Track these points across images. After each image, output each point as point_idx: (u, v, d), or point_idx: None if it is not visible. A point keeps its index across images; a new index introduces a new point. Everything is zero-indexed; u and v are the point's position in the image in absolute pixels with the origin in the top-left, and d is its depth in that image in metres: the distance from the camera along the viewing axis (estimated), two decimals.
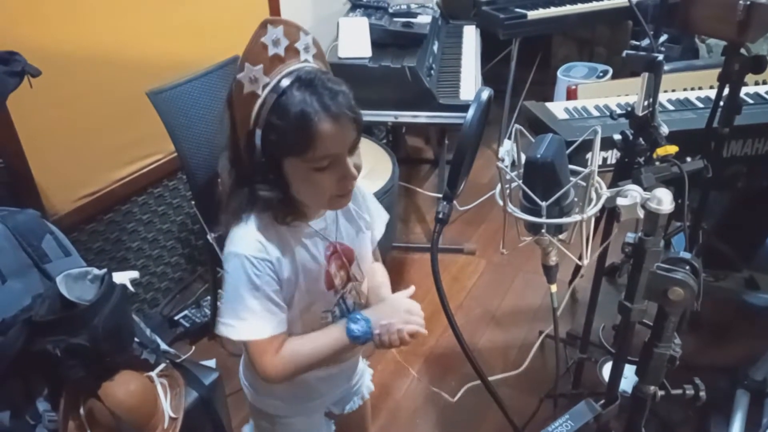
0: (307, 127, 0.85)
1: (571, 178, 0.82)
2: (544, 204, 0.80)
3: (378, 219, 1.18)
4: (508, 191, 0.85)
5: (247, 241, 0.96)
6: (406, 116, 2.36)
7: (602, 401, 1.03)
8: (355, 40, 2.33)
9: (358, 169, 0.95)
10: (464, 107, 1.06)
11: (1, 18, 1.56)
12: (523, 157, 0.83)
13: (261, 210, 0.96)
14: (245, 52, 0.86)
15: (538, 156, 0.79)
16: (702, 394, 0.99)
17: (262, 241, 0.96)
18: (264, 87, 0.86)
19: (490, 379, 2.00)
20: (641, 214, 0.83)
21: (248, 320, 0.97)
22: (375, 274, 1.17)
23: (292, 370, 1.02)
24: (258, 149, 0.89)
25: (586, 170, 0.80)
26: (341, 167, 0.91)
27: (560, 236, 0.85)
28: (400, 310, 1.03)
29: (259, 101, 0.86)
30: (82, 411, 1.23)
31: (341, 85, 0.90)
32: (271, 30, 0.85)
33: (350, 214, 1.10)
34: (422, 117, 2.35)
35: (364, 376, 1.36)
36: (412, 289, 1.09)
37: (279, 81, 0.86)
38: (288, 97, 0.86)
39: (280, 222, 0.97)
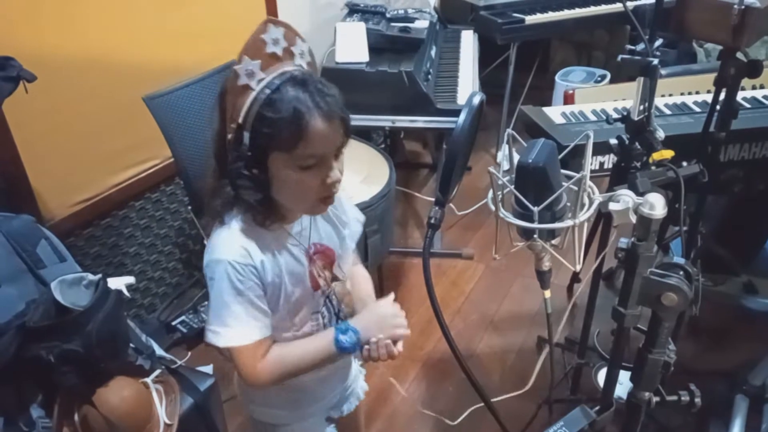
0: (299, 121, 0.87)
1: (563, 183, 0.81)
2: (536, 209, 0.79)
3: (353, 221, 1.18)
4: (500, 196, 0.84)
5: (229, 246, 0.96)
6: (404, 121, 2.36)
7: (597, 407, 1.03)
8: (352, 45, 2.33)
9: (341, 173, 0.96)
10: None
11: None
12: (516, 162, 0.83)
13: (241, 212, 0.97)
14: (245, 45, 0.88)
15: (530, 161, 0.78)
16: (698, 400, 0.98)
17: (245, 245, 0.96)
18: (259, 81, 0.88)
19: (489, 386, 2.00)
20: (633, 219, 0.82)
21: (233, 327, 0.97)
22: (357, 278, 1.18)
23: (278, 375, 1.01)
24: (245, 143, 0.90)
25: (578, 175, 0.80)
26: (326, 169, 0.92)
27: (553, 241, 0.85)
28: (387, 318, 1.04)
29: (253, 94, 0.88)
30: (76, 417, 1.23)
31: (332, 89, 0.92)
32: (272, 29, 0.89)
33: (328, 215, 1.10)
34: (419, 122, 2.35)
35: (358, 377, 1.36)
36: (391, 296, 1.09)
37: (274, 78, 0.89)
38: (282, 93, 0.88)
39: (260, 225, 0.97)
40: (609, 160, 1.65)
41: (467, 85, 2.54)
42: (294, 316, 1.06)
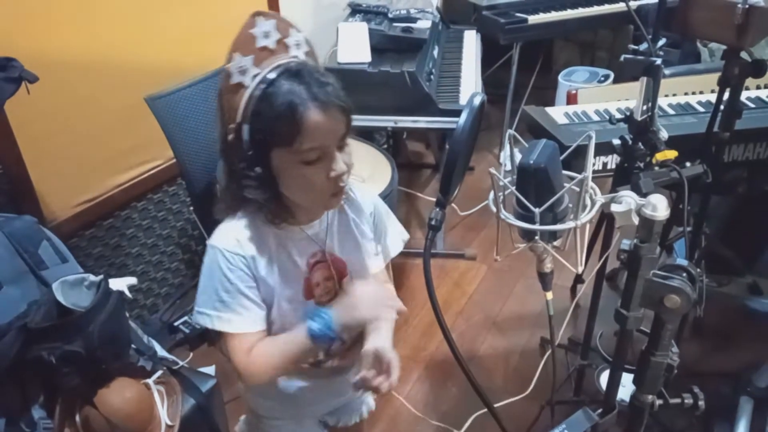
0: (294, 114, 0.85)
1: (565, 184, 0.81)
2: (537, 210, 0.79)
3: (391, 237, 1.13)
4: (502, 197, 0.84)
5: (224, 235, 0.97)
6: (406, 121, 2.35)
7: (600, 410, 1.02)
8: (354, 45, 2.33)
9: (349, 167, 0.93)
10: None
11: None
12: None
13: (252, 211, 0.96)
14: (234, 42, 0.87)
15: (531, 162, 0.78)
16: (701, 402, 0.97)
17: (239, 237, 0.96)
18: (253, 78, 0.86)
19: (491, 388, 2.00)
20: (636, 220, 0.82)
21: (220, 311, 0.96)
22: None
23: (264, 370, 0.99)
24: (246, 141, 0.88)
25: (580, 176, 0.80)
26: (330, 161, 0.90)
27: (555, 243, 0.84)
28: (366, 301, 0.97)
29: (248, 92, 0.86)
30: (77, 418, 1.23)
31: (330, 77, 0.90)
32: (261, 22, 0.87)
33: (347, 225, 1.06)
34: (422, 122, 2.35)
35: (366, 396, 1.32)
36: (372, 279, 1.06)
37: (268, 72, 0.86)
38: (276, 87, 0.86)
39: (270, 222, 0.96)
40: (612, 161, 1.64)
41: (470, 86, 2.54)
42: (285, 320, 1.03)
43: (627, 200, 0.82)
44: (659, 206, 0.80)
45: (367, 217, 1.09)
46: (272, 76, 0.86)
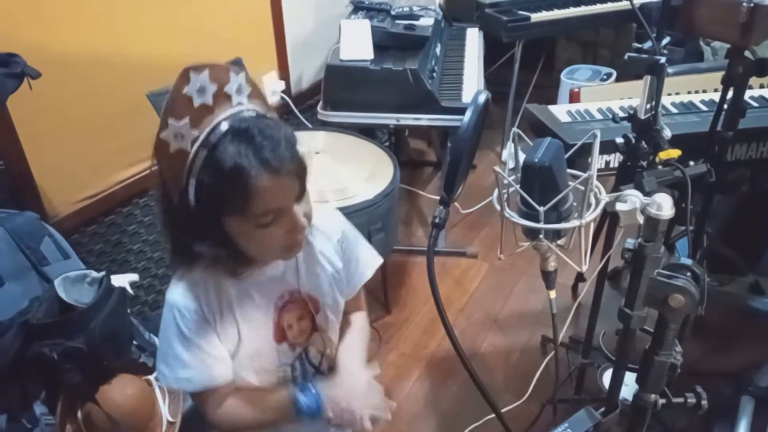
0: (243, 183, 0.76)
1: (570, 183, 0.81)
2: (541, 209, 0.78)
3: (363, 264, 1.06)
4: (506, 196, 0.84)
5: (181, 291, 0.90)
6: (408, 119, 2.35)
7: (602, 409, 1.02)
8: (357, 43, 2.32)
9: (308, 216, 0.87)
10: (466, 110, 1.06)
11: (1, 20, 1.56)
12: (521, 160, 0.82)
13: (207, 265, 0.90)
14: (166, 106, 0.77)
15: (536, 160, 0.78)
16: (704, 402, 0.97)
17: (194, 290, 0.90)
18: (193, 142, 0.77)
19: (492, 386, 1.99)
20: (641, 219, 0.81)
21: (176, 369, 0.91)
22: (350, 329, 1.08)
23: (234, 426, 0.95)
24: (192, 207, 0.80)
25: (585, 175, 0.79)
26: (288, 219, 0.83)
27: (559, 241, 0.84)
28: (358, 394, 0.94)
29: (190, 157, 0.78)
30: (79, 415, 1.23)
31: (281, 129, 0.81)
32: (194, 78, 0.77)
33: (313, 259, 1.00)
34: (424, 119, 2.34)
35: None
36: (377, 370, 1.01)
37: (209, 133, 0.77)
38: (220, 152, 0.76)
39: (231, 275, 0.90)
40: (615, 159, 1.64)
41: (472, 83, 2.53)
42: (254, 365, 0.97)
43: (632, 199, 0.82)
44: (664, 205, 0.80)
45: (335, 245, 1.02)
46: (215, 136, 0.77)
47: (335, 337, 1.05)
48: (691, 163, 1.30)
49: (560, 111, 1.83)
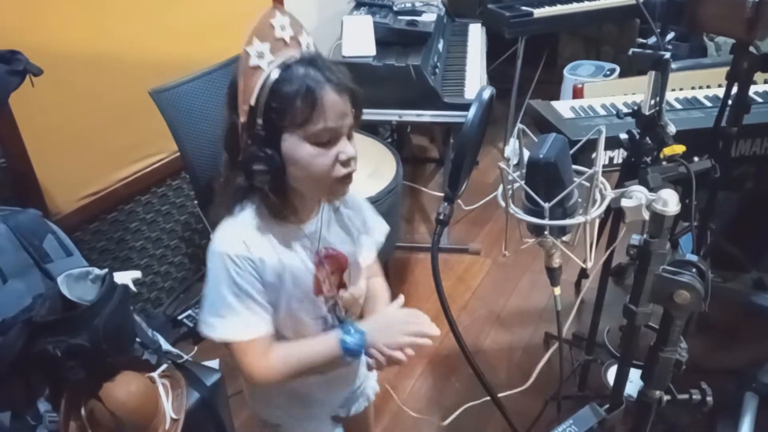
0: (311, 94, 0.87)
1: (575, 179, 0.80)
2: (546, 205, 0.78)
3: (376, 229, 1.16)
4: (510, 192, 0.83)
5: (230, 238, 0.94)
6: (411, 115, 2.34)
7: (607, 406, 1.02)
8: (359, 39, 2.31)
9: (354, 159, 0.94)
10: (469, 106, 1.04)
11: (3, 17, 1.56)
12: (526, 157, 0.82)
13: (254, 204, 0.95)
14: (254, 28, 0.87)
15: (541, 156, 0.77)
16: (709, 399, 0.97)
17: (246, 240, 0.94)
18: (269, 63, 0.88)
19: (495, 382, 1.99)
20: (646, 215, 0.81)
21: (228, 318, 0.95)
22: (374, 290, 1.15)
23: (279, 374, 0.99)
24: (258, 123, 0.89)
25: (590, 171, 0.79)
26: (341, 146, 0.91)
27: (564, 238, 0.83)
28: (396, 323, 1.00)
29: (264, 74, 0.88)
30: (83, 412, 1.23)
31: (342, 66, 0.93)
32: (279, 15, 0.89)
33: (343, 221, 1.08)
34: (426, 116, 2.34)
35: (369, 377, 1.33)
36: (401, 299, 1.07)
37: (284, 60, 0.89)
38: (292, 71, 0.88)
39: (274, 216, 0.95)
40: (619, 155, 1.63)
41: (475, 79, 2.52)
42: (294, 318, 1.03)
43: (637, 195, 0.81)
44: (670, 201, 0.79)
45: (357, 210, 1.11)
46: (288, 62, 0.89)
47: (360, 295, 1.12)
48: (696, 159, 1.29)
49: (563, 107, 1.82)
